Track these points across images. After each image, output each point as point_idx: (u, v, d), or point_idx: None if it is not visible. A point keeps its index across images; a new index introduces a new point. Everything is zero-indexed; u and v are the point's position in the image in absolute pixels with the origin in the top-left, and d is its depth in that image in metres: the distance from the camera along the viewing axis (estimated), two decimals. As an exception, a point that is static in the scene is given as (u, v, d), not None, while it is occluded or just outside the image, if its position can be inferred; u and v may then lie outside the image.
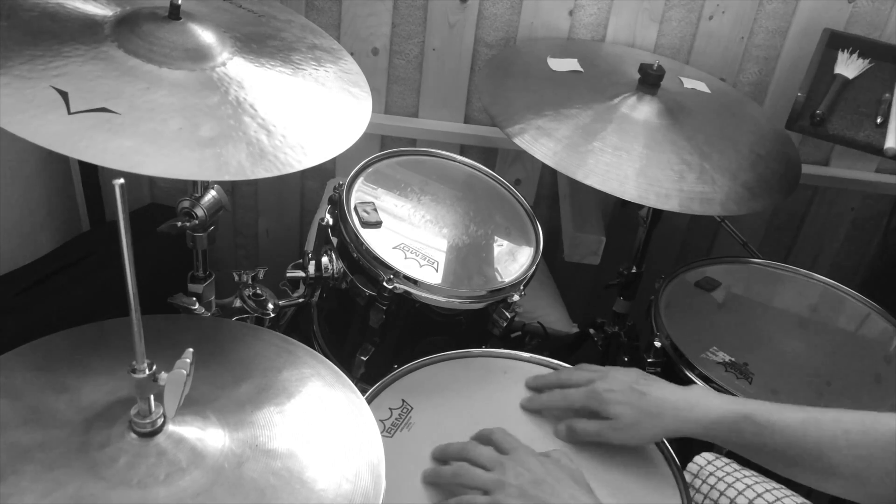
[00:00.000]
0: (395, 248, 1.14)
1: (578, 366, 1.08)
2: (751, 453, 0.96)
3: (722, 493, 1.04)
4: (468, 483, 0.89)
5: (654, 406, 0.96)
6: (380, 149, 1.62)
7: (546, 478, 0.87)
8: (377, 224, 1.16)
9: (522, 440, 0.98)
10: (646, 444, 0.98)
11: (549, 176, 1.80)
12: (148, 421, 0.74)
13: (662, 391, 0.98)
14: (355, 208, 1.16)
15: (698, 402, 0.96)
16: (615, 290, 1.59)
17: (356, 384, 0.90)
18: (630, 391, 0.98)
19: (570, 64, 1.50)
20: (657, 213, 1.47)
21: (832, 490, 0.95)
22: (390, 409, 1.00)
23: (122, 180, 0.63)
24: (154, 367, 0.72)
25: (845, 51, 1.52)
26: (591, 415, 1.00)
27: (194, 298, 1.11)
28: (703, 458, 1.08)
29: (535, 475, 0.88)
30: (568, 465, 0.91)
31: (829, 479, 0.92)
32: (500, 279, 1.16)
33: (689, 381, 1.23)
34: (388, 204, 1.21)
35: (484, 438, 0.95)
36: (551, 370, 1.11)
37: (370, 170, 1.25)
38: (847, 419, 0.91)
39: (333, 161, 1.11)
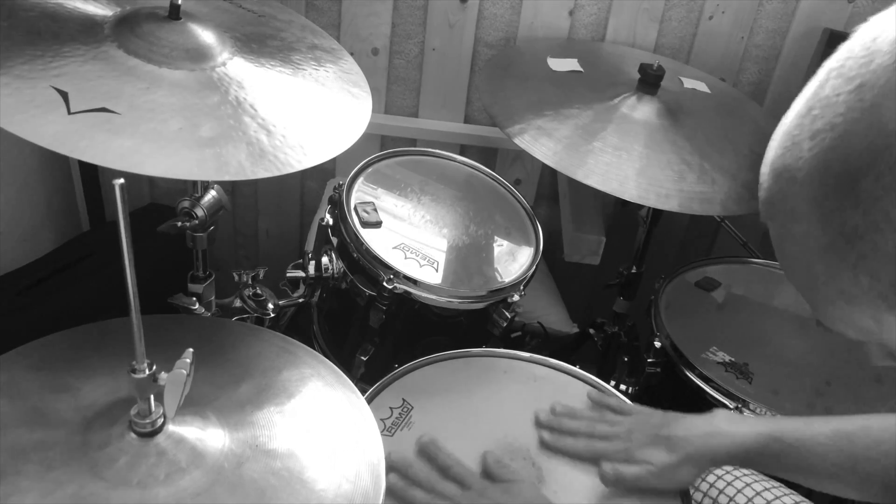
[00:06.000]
0: (395, 248, 1.14)
1: (601, 415, 1.03)
2: (784, 472, 0.94)
3: (721, 492, 1.04)
4: None
5: (682, 449, 0.93)
6: (380, 149, 1.62)
7: None
8: (377, 224, 1.16)
9: (521, 441, 0.99)
10: (686, 486, 0.95)
11: (549, 176, 1.80)
12: (148, 421, 0.74)
13: (686, 430, 0.95)
14: (355, 208, 1.16)
15: (725, 432, 0.93)
16: (615, 290, 1.59)
17: (356, 384, 0.90)
18: (656, 439, 0.95)
19: (570, 64, 1.50)
20: (657, 213, 1.47)
21: (869, 499, 0.93)
22: (391, 408, 1.00)
23: (122, 180, 0.63)
24: (154, 367, 0.72)
25: (845, 51, 1.52)
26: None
27: (194, 298, 1.11)
28: (703, 458, 1.08)
29: None
30: (531, 494, 0.90)
31: (865, 489, 0.90)
32: (500, 279, 1.16)
33: (689, 382, 1.24)
34: (388, 204, 1.21)
35: (444, 468, 0.93)
36: (560, 372, 1.10)
37: (370, 170, 1.25)
38: (875, 426, 0.90)
39: (333, 161, 1.11)
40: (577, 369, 1.11)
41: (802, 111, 0.51)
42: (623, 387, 1.39)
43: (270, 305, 1.20)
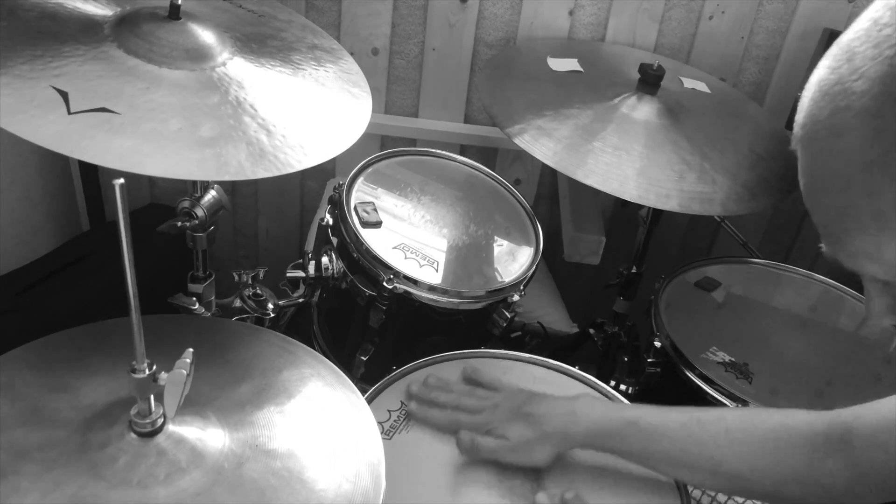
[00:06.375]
0: (395, 248, 1.14)
1: (472, 390, 1.04)
2: (638, 459, 0.94)
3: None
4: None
5: (539, 426, 0.95)
6: (380, 149, 1.62)
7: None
8: (377, 224, 1.16)
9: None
10: (541, 465, 0.95)
11: (549, 176, 1.80)
12: (148, 421, 0.74)
13: (547, 408, 0.96)
14: (355, 208, 1.16)
15: (582, 414, 0.95)
16: (615, 290, 1.59)
17: (356, 384, 0.90)
18: (517, 415, 0.97)
19: (570, 64, 1.50)
20: (657, 213, 1.47)
21: (719, 489, 0.97)
22: (389, 411, 1.00)
23: (122, 180, 0.63)
24: (154, 367, 0.72)
25: (845, 51, 1.52)
26: None
27: (194, 298, 1.11)
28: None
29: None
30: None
31: (715, 477, 0.91)
32: (499, 279, 1.16)
33: (689, 382, 1.24)
34: (388, 204, 1.21)
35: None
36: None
37: (370, 170, 1.25)
38: (729, 417, 0.93)
39: (333, 161, 1.11)
40: (575, 370, 1.11)
41: (865, 26, 0.49)
42: (623, 387, 1.39)
43: (270, 305, 1.20)
